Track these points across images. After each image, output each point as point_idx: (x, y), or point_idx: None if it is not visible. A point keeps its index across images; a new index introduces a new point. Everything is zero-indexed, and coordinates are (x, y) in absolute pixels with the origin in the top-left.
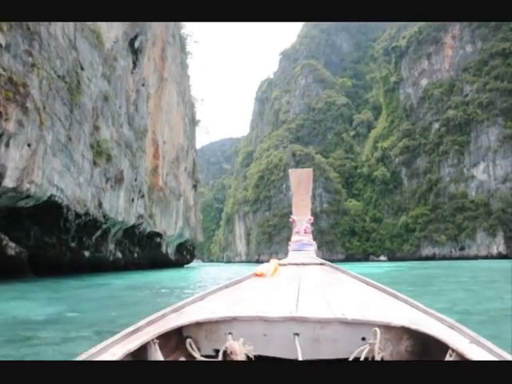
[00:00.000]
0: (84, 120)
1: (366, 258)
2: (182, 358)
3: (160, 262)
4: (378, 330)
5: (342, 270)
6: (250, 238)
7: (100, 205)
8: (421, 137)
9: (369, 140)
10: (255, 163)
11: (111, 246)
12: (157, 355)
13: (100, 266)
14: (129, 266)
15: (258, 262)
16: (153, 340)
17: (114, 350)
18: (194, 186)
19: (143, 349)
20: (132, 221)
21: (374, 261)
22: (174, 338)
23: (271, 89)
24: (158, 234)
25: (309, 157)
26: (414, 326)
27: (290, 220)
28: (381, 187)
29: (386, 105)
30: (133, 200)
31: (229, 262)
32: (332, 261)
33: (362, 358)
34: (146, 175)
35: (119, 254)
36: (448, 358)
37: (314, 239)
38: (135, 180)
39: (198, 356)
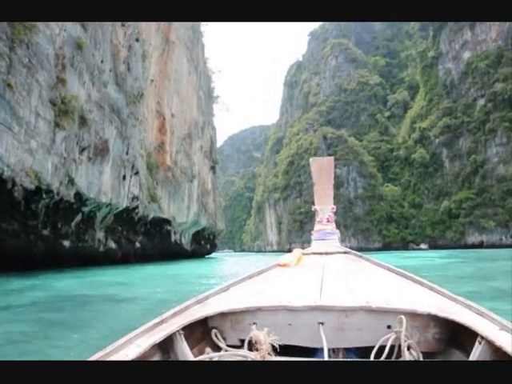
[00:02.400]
0: (39, 67)
1: (404, 246)
2: (208, 349)
3: (173, 253)
4: (403, 317)
5: (366, 257)
6: (281, 227)
7: (71, 181)
8: (463, 115)
9: (405, 121)
10: (285, 149)
11: (99, 234)
12: (182, 346)
13: (88, 259)
14: (129, 258)
15: (290, 251)
16: (178, 331)
17: (140, 342)
18: (213, 168)
19: (169, 340)
20: (123, 203)
21: (413, 249)
22: (200, 328)
23: (300, 72)
24: (166, 221)
25: (341, 139)
26: (441, 314)
27: (313, 209)
28: (420, 170)
29: (423, 82)
30: (124, 178)
31: (260, 251)
32: (368, 250)
33: (387, 347)
34: (143, 149)
35: (112, 244)
36: (477, 345)
37: (349, 226)
38: (126, 153)
39: (223, 346)
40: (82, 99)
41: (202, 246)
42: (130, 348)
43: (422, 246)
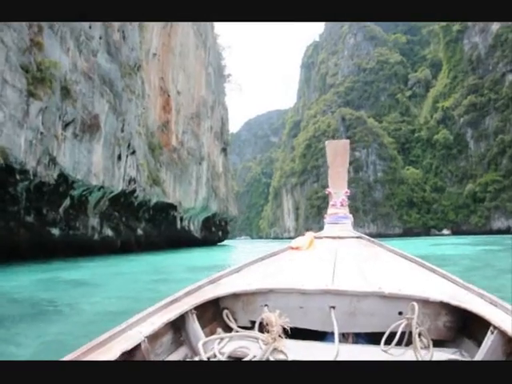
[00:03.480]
0: (3, 25)
1: (426, 232)
2: (219, 329)
3: (182, 241)
4: (415, 304)
5: (379, 243)
6: (299, 212)
7: (52, 160)
8: (490, 92)
9: (427, 100)
10: (302, 132)
11: (93, 221)
12: (194, 325)
13: (82, 248)
14: (130, 246)
15: None
16: (191, 310)
17: (153, 320)
18: (224, 150)
19: (181, 318)
20: (119, 186)
21: (435, 235)
22: (211, 308)
23: (317, 52)
24: (172, 206)
25: (360, 121)
26: (453, 302)
27: (326, 192)
28: (442, 152)
29: (447, 59)
30: (119, 158)
31: (276, 238)
32: (388, 236)
33: (398, 333)
34: (143, 126)
35: (109, 232)
36: (489, 335)
37: (368, 211)
38: (121, 130)
39: (234, 326)
40: (65, 68)
41: (213, 232)
42: (144, 326)
43: (445, 231)
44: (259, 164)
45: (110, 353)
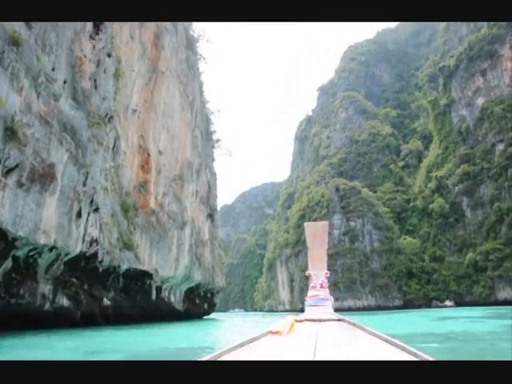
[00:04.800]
0: None
1: (427, 303)
2: None
3: (161, 314)
4: None
5: (360, 326)
6: (293, 285)
7: None
8: (483, 161)
9: (420, 170)
10: (296, 203)
11: (44, 288)
12: None
13: (30, 320)
14: (95, 319)
15: (302, 311)
16: None
17: None
18: (210, 216)
19: None
20: (76, 247)
21: (438, 307)
22: None
23: (310, 126)
24: (148, 274)
25: (354, 191)
26: None
27: (306, 274)
28: (439, 221)
29: (437, 131)
30: (79, 215)
31: (271, 310)
32: (388, 308)
33: None
34: (111, 181)
35: (64, 301)
36: None
37: (366, 283)
38: (83, 184)
39: None
40: (14, 107)
41: (198, 305)
42: None
43: (447, 303)
44: (253, 235)
45: None
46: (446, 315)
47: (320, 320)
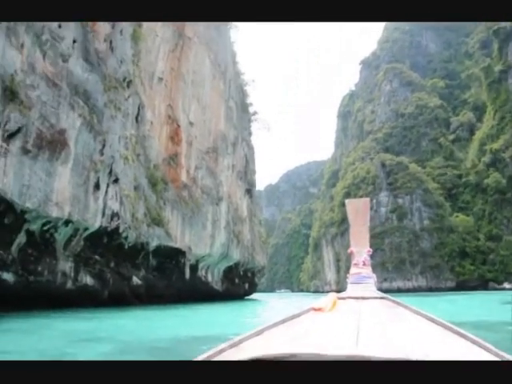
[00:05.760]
0: None
1: (483, 285)
2: None
3: (199, 294)
4: None
5: (404, 304)
6: (340, 265)
7: None
8: None
9: (473, 143)
10: (341, 181)
11: (64, 265)
12: None
13: (54, 299)
14: (125, 299)
15: None
16: None
17: None
18: (248, 191)
19: None
20: (96, 221)
21: (495, 289)
22: None
23: (353, 101)
24: (179, 252)
25: (401, 166)
26: None
27: (348, 252)
28: (495, 197)
29: (491, 100)
30: (97, 187)
31: (317, 291)
32: (440, 289)
33: None
34: (132, 150)
35: (88, 279)
36: None
37: (416, 262)
38: (101, 153)
39: None
40: (14, 66)
41: (237, 285)
42: None
43: (506, 285)
44: (298, 215)
45: None
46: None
47: (363, 298)
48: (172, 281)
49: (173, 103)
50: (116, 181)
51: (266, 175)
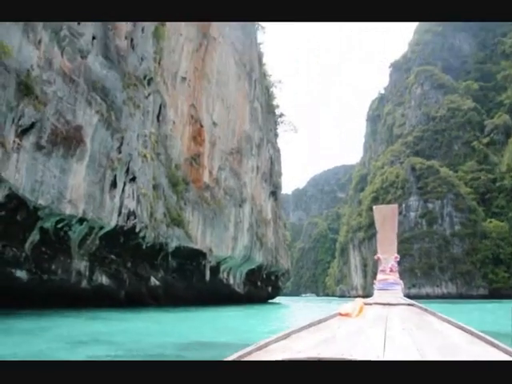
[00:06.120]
0: None
1: None
2: None
3: (220, 297)
4: None
5: (432, 311)
6: (367, 270)
7: None
8: None
9: (509, 147)
10: (369, 185)
11: (79, 264)
12: None
13: (69, 298)
14: (142, 300)
15: None
16: None
17: None
18: (273, 194)
19: None
20: (111, 220)
21: None
22: None
23: (383, 105)
24: (200, 253)
25: (432, 170)
26: None
27: (375, 258)
28: None
29: None
30: (114, 185)
31: (343, 296)
32: (471, 297)
33: None
34: (150, 148)
35: (104, 279)
36: None
37: (445, 269)
38: (118, 151)
39: None
40: (30, 61)
41: (260, 288)
42: None
43: None
44: (326, 220)
45: None
46: None
47: (390, 304)
48: (192, 282)
49: (196, 103)
50: (133, 179)
51: (293, 179)
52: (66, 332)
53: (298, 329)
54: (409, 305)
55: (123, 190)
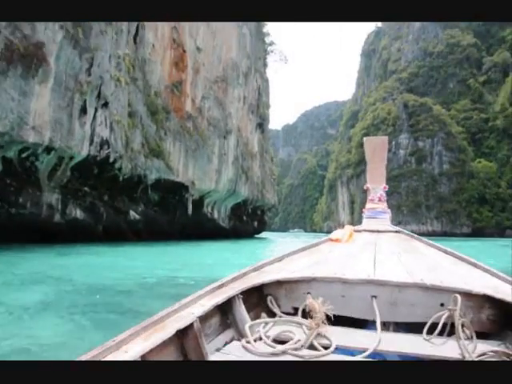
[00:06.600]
0: None
1: (500, 233)
2: (263, 314)
3: (205, 232)
4: (458, 296)
5: (418, 237)
6: (354, 206)
7: None
8: None
9: (505, 86)
10: (360, 122)
11: (50, 197)
12: (241, 309)
13: (43, 233)
14: (123, 235)
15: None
16: (237, 295)
17: (203, 302)
18: (260, 126)
19: (228, 302)
20: (82, 149)
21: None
22: (256, 294)
23: (379, 39)
24: (183, 186)
25: (425, 108)
26: (498, 295)
27: (365, 188)
28: None
29: None
30: (84, 111)
31: (330, 232)
32: (455, 235)
33: (440, 323)
34: (125, 71)
35: (78, 213)
36: None
37: (432, 207)
38: (88, 73)
39: (278, 312)
40: None
41: (246, 223)
42: (195, 307)
43: None
44: (315, 156)
45: (166, 330)
46: None
47: (378, 231)
48: (175, 217)
49: (178, 26)
50: (106, 105)
51: (283, 114)
52: (27, 267)
53: (292, 252)
54: (396, 232)
55: (95, 117)
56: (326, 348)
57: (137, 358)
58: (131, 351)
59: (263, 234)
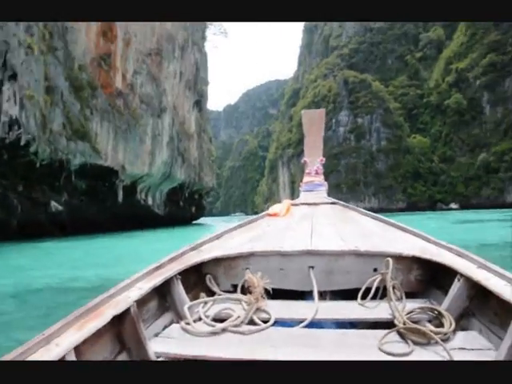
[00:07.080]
0: None
1: (432, 206)
2: (203, 294)
3: (139, 220)
4: (390, 260)
5: (353, 207)
6: (295, 186)
7: None
8: None
9: (439, 62)
10: (301, 100)
11: None
12: (179, 290)
13: None
14: (42, 229)
15: None
16: (175, 276)
17: (140, 285)
18: (198, 103)
19: (166, 284)
20: None
21: (442, 209)
22: (194, 274)
23: None
24: (112, 171)
25: (364, 84)
26: (424, 256)
27: (302, 161)
28: (454, 119)
29: None
30: None
31: None
32: (391, 210)
33: (373, 288)
34: (39, 37)
35: None
36: (456, 282)
37: (370, 184)
38: None
39: (217, 291)
40: None
41: (183, 208)
42: (132, 291)
43: (452, 205)
44: (256, 137)
45: (101, 318)
46: (460, 218)
47: (315, 204)
48: (105, 206)
49: None
50: (14, 77)
51: (224, 94)
52: None
53: (229, 229)
54: (332, 203)
55: (0, 91)
56: (265, 322)
57: (70, 351)
58: (63, 344)
59: (202, 220)
